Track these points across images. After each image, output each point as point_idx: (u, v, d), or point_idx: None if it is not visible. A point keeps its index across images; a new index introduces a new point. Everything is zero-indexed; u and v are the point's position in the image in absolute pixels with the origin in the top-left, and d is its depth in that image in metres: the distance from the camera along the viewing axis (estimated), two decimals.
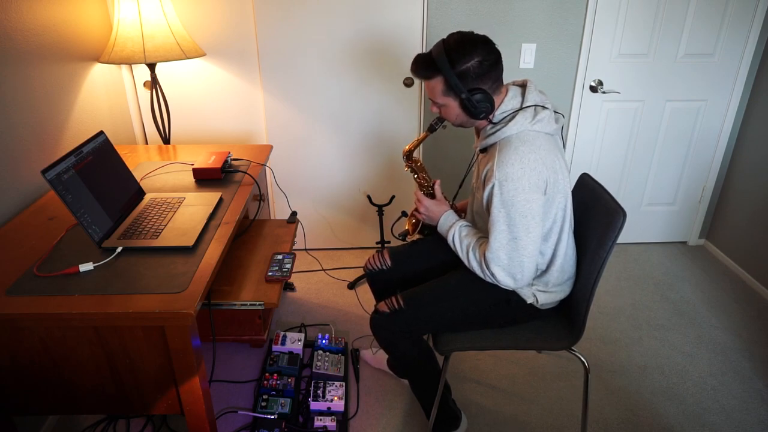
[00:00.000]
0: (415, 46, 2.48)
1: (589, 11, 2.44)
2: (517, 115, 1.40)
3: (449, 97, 1.42)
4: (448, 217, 1.58)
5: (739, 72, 2.60)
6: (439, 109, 1.49)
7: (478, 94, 1.38)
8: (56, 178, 1.35)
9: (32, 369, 1.31)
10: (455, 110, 1.45)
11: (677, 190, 2.90)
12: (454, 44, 1.37)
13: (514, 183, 1.34)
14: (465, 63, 1.36)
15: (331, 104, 2.58)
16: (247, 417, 1.85)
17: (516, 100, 1.44)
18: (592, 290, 1.46)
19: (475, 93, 1.38)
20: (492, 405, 1.91)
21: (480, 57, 1.36)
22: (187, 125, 2.60)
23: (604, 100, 2.66)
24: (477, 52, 1.36)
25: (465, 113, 1.44)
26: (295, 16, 2.39)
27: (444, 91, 1.41)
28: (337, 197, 2.81)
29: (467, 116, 1.45)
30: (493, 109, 1.42)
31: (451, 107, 1.44)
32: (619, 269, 2.77)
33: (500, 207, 1.37)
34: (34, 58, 1.78)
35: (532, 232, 1.37)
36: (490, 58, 1.37)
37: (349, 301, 2.50)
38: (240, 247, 1.90)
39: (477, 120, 1.45)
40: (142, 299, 1.23)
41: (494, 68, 1.39)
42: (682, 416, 1.87)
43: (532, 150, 1.35)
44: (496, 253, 1.40)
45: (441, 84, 1.40)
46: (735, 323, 2.36)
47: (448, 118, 1.50)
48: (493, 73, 1.39)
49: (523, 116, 1.39)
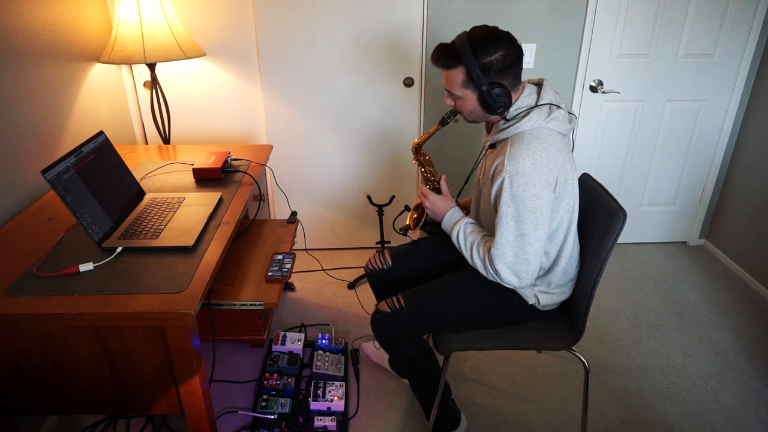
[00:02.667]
0: (415, 46, 2.48)
1: (589, 11, 2.44)
2: (532, 111, 1.39)
3: (468, 89, 1.41)
4: (453, 214, 1.56)
5: (739, 72, 2.60)
6: (455, 101, 1.47)
7: (497, 89, 1.38)
8: (56, 178, 1.35)
9: (32, 369, 1.31)
10: (472, 103, 1.44)
11: (677, 190, 2.90)
12: (480, 36, 1.36)
13: (524, 178, 1.33)
14: (489, 56, 1.35)
15: (331, 104, 2.58)
16: (247, 417, 1.85)
17: (531, 98, 1.43)
18: (592, 290, 1.46)
19: (495, 87, 1.37)
20: (492, 405, 1.91)
21: (504, 51, 1.36)
22: (187, 125, 2.60)
23: (604, 100, 2.66)
24: (501, 46, 1.35)
25: (482, 107, 1.43)
26: (295, 16, 2.39)
27: (464, 82, 1.40)
28: (337, 197, 2.81)
29: (483, 110, 1.44)
30: (510, 105, 1.42)
31: (468, 100, 1.43)
32: (619, 269, 2.77)
33: (509, 202, 1.36)
34: (34, 58, 1.78)
35: (539, 229, 1.37)
36: (513, 54, 1.37)
37: (349, 301, 2.50)
38: (240, 247, 1.90)
39: (492, 115, 1.44)
40: (142, 299, 1.23)
41: (516, 64, 1.39)
42: (682, 416, 1.87)
43: (545, 147, 1.35)
44: (501, 249, 1.39)
45: (462, 75, 1.40)
46: (735, 323, 2.36)
47: (463, 111, 1.48)
48: (515, 69, 1.39)
49: (537, 113, 1.39)
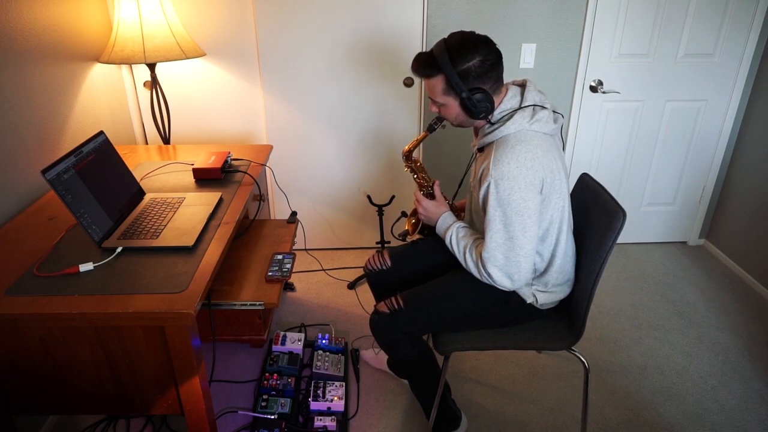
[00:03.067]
0: (415, 46, 2.48)
1: (589, 11, 2.44)
2: (515, 114, 1.40)
3: (449, 96, 1.42)
4: (445, 219, 1.58)
5: (739, 72, 2.60)
6: (439, 108, 1.49)
7: (478, 94, 1.38)
8: (56, 178, 1.35)
9: (32, 369, 1.31)
10: (455, 109, 1.45)
11: (677, 190, 2.90)
12: (456, 43, 1.37)
13: (509, 181, 1.34)
14: (466, 62, 1.36)
15: (331, 104, 2.58)
16: (247, 417, 1.85)
17: (515, 100, 1.44)
18: (592, 290, 1.46)
19: (475, 92, 1.38)
20: (492, 405, 1.91)
21: (481, 56, 1.36)
22: (187, 125, 2.60)
23: (604, 100, 2.66)
24: (478, 52, 1.36)
25: (465, 113, 1.44)
26: (295, 16, 2.39)
27: (444, 90, 1.41)
28: (337, 197, 2.81)
29: (467, 116, 1.45)
30: (493, 109, 1.42)
31: (451, 106, 1.45)
32: (619, 269, 2.77)
33: (496, 206, 1.37)
34: (34, 58, 1.78)
35: (528, 231, 1.37)
36: (491, 58, 1.38)
37: (349, 301, 2.50)
38: (240, 247, 1.90)
39: (476, 120, 1.45)
40: (142, 299, 1.23)
41: (495, 68, 1.39)
42: (682, 416, 1.87)
43: (529, 149, 1.35)
44: (492, 252, 1.39)
45: (441, 83, 1.41)
46: (735, 323, 2.36)
47: (448, 117, 1.50)
48: (494, 73, 1.39)
49: (521, 116, 1.39)
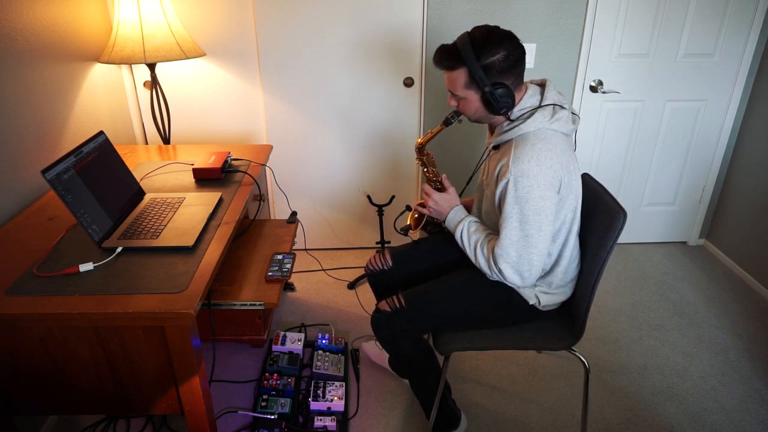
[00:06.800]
0: (415, 46, 2.48)
1: (589, 11, 2.44)
2: (536, 112, 1.39)
3: (471, 89, 1.41)
4: (457, 212, 1.55)
5: (739, 72, 2.60)
6: (458, 102, 1.47)
7: (500, 89, 1.37)
8: (56, 178, 1.35)
9: (32, 369, 1.31)
10: (475, 104, 1.43)
11: (677, 190, 2.90)
12: (481, 36, 1.35)
13: (529, 180, 1.33)
14: (491, 56, 1.34)
15: (331, 104, 2.58)
16: (247, 417, 1.85)
17: (535, 98, 1.43)
18: (593, 290, 1.46)
19: (498, 87, 1.37)
20: (492, 405, 1.91)
21: (506, 51, 1.35)
22: (187, 125, 2.60)
23: (604, 100, 2.66)
24: (503, 46, 1.35)
25: (485, 107, 1.42)
26: (295, 16, 2.39)
27: (466, 83, 1.40)
28: (337, 197, 2.81)
29: (487, 111, 1.43)
30: (514, 106, 1.41)
31: (472, 101, 1.43)
32: (619, 269, 2.77)
33: (514, 204, 1.36)
34: (34, 58, 1.78)
35: (544, 230, 1.36)
36: (516, 53, 1.36)
37: (349, 301, 2.50)
38: (240, 247, 1.90)
39: (495, 115, 1.44)
40: (142, 299, 1.23)
41: (518, 64, 1.38)
42: (682, 416, 1.87)
43: (549, 148, 1.34)
44: (505, 249, 1.39)
45: (464, 76, 1.39)
46: (735, 323, 2.36)
47: (467, 111, 1.48)
48: (517, 69, 1.38)
49: (542, 114, 1.38)
